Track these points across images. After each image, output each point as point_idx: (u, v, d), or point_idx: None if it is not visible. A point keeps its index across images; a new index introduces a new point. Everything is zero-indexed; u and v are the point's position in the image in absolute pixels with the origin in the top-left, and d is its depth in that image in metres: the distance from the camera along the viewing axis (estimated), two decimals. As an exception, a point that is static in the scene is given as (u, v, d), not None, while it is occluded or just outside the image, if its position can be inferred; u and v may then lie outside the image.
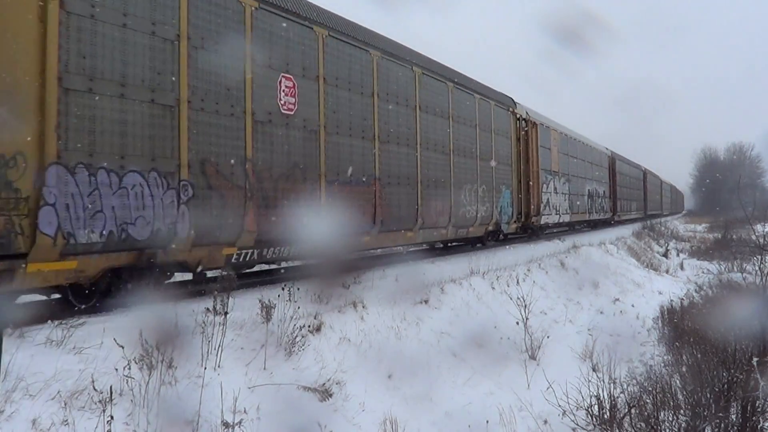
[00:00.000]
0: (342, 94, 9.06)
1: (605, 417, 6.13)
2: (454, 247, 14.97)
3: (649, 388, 6.32)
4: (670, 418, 5.73)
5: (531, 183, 17.33)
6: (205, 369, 4.87)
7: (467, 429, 5.96)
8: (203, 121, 6.72)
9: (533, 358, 8.38)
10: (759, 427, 5.48)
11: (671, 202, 66.23)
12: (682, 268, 21.70)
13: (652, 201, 46.67)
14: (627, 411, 6.04)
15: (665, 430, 5.66)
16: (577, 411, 6.26)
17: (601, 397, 6.24)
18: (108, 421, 3.85)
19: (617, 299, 13.35)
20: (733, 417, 5.53)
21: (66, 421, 3.90)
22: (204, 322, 5.24)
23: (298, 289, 6.77)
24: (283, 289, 6.51)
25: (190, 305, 5.81)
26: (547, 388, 6.54)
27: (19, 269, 5.05)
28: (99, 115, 5.66)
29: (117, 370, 4.34)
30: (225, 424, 4.47)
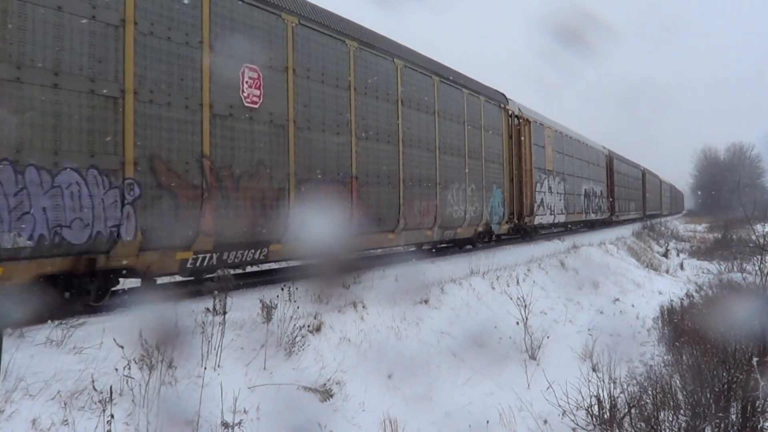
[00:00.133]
0: (314, 87, 8.44)
1: (605, 417, 6.13)
2: (454, 248, 14.83)
3: (649, 388, 6.32)
4: (670, 418, 5.73)
5: (524, 182, 16.76)
6: (205, 369, 4.87)
7: (467, 429, 5.96)
8: (152, 114, 6.16)
9: (533, 358, 8.38)
10: (759, 427, 5.48)
11: (671, 202, 66.09)
12: (682, 268, 21.71)
13: (651, 201, 46.23)
14: (627, 411, 6.03)
15: (665, 430, 5.66)
16: (577, 411, 6.26)
17: (601, 397, 6.24)
18: (108, 421, 3.85)
19: (617, 299, 13.35)
20: (733, 417, 5.53)
21: (66, 421, 3.90)
22: (204, 322, 5.24)
23: (298, 288, 6.78)
24: (282, 289, 6.52)
25: (190, 305, 5.82)
26: (547, 388, 6.54)
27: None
28: (28, 107, 5.17)
29: (117, 370, 4.34)
30: (225, 424, 4.46)
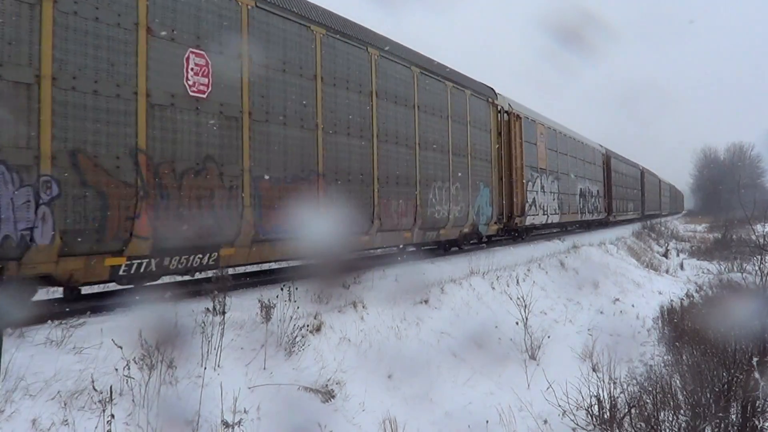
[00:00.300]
0: (274, 76, 7.81)
1: (605, 417, 6.13)
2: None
3: (649, 388, 6.32)
4: (670, 418, 5.73)
5: (514, 181, 15.99)
6: (205, 369, 4.88)
7: (467, 429, 5.96)
8: (75, 103, 5.53)
9: (533, 358, 8.38)
10: (759, 427, 5.47)
11: (670, 202, 65.93)
12: (682, 268, 21.71)
13: (650, 201, 45.73)
14: (627, 411, 6.03)
15: (665, 430, 5.66)
16: (577, 411, 6.26)
17: (601, 397, 6.24)
18: (108, 421, 3.85)
19: (617, 299, 13.35)
20: (733, 417, 5.53)
21: (66, 421, 3.90)
22: (204, 322, 5.24)
23: (297, 288, 6.78)
24: (282, 289, 6.53)
25: (190, 305, 5.81)
26: (547, 388, 6.55)
27: None
28: None
29: (117, 370, 4.34)
30: (225, 423, 4.47)
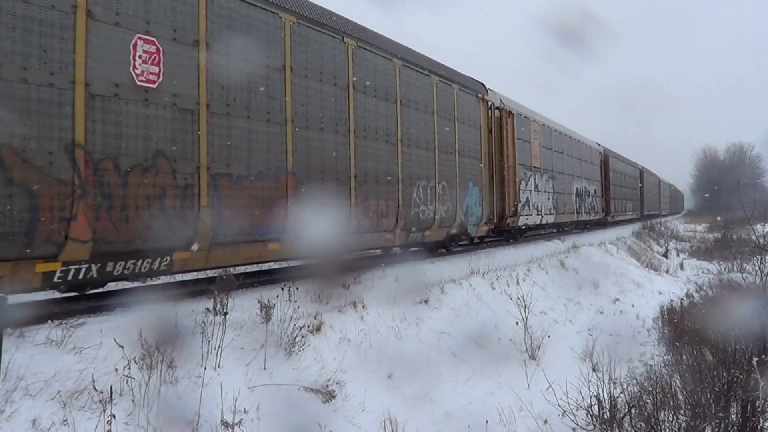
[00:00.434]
0: (237, 66, 7.21)
1: (605, 417, 6.13)
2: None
3: (649, 388, 6.32)
4: (670, 418, 5.73)
5: (506, 180, 15.36)
6: (205, 369, 4.88)
7: (467, 429, 5.96)
8: (0, 93, 5.07)
9: (533, 358, 8.39)
10: (759, 427, 5.47)
11: (670, 202, 65.82)
12: (682, 268, 21.72)
13: (649, 201, 45.31)
14: (627, 411, 6.03)
15: (665, 430, 5.66)
16: (577, 411, 6.26)
17: (601, 397, 6.24)
18: (108, 421, 3.85)
19: (617, 299, 13.36)
20: (733, 417, 5.53)
21: (66, 421, 3.90)
22: (204, 322, 5.24)
23: (298, 288, 6.78)
24: (282, 289, 6.52)
25: (190, 305, 5.82)
26: (547, 388, 6.55)
27: None
28: None
29: (117, 370, 4.34)
30: (225, 423, 4.47)
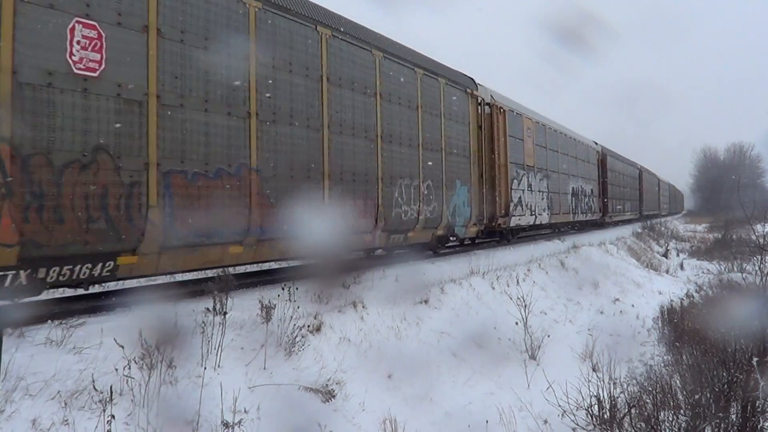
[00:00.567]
0: (193, 54, 6.63)
1: (605, 417, 6.13)
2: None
3: (649, 388, 6.32)
4: (670, 418, 5.73)
5: (497, 179, 14.71)
6: (205, 369, 4.88)
7: (467, 429, 5.96)
8: None
9: (533, 358, 8.39)
10: (759, 427, 5.48)
11: (670, 202, 65.67)
12: (682, 268, 21.72)
13: (648, 201, 44.80)
14: (627, 411, 6.03)
15: (665, 430, 5.66)
16: (577, 411, 6.26)
17: (601, 397, 6.24)
18: (108, 421, 3.85)
19: (617, 299, 13.36)
20: (733, 417, 5.53)
21: (66, 420, 3.90)
22: (204, 322, 5.24)
23: (298, 288, 6.78)
24: (282, 289, 6.52)
25: (190, 305, 5.82)
26: (547, 388, 6.55)
27: None
28: None
29: (117, 369, 4.34)
30: (225, 423, 4.47)
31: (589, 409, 6.27)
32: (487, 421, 5.94)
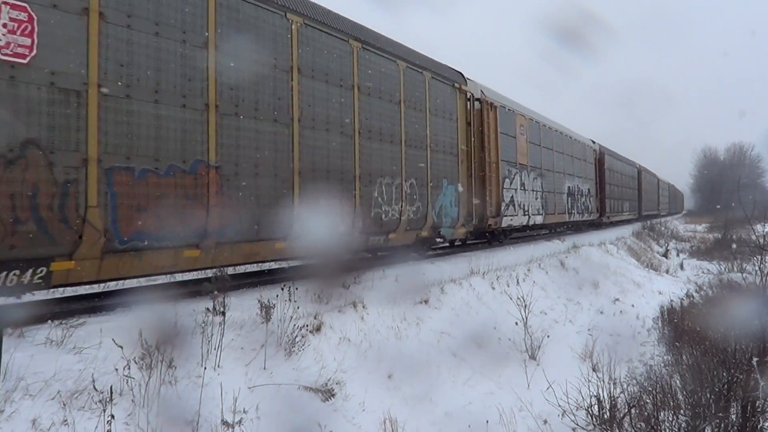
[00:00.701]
0: (139, 40, 6.06)
1: (605, 417, 6.13)
2: (453, 247, 14.42)
3: (649, 388, 6.33)
4: (670, 418, 5.73)
5: (488, 177, 14.12)
6: (205, 369, 4.88)
7: (467, 429, 5.96)
8: None
9: (533, 358, 8.39)
10: (759, 427, 5.48)
11: (669, 201, 65.52)
12: (682, 268, 21.73)
13: (647, 201, 44.26)
14: (627, 411, 6.04)
15: (665, 430, 5.66)
16: (577, 411, 6.26)
17: (601, 397, 6.24)
18: (108, 421, 3.85)
19: (617, 299, 13.36)
20: (733, 417, 5.53)
21: (66, 421, 3.90)
22: (204, 322, 5.25)
23: (298, 288, 6.78)
24: (282, 289, 6.52)
25: (190, 305, 5.82)
26: (547, 388, 6.55)
27: None
28: None
29: (117, 369, 4.34)
30: (225, 423, 4.47)
31: (589, 409, 6.27)
32: (487, 421, 5.95)
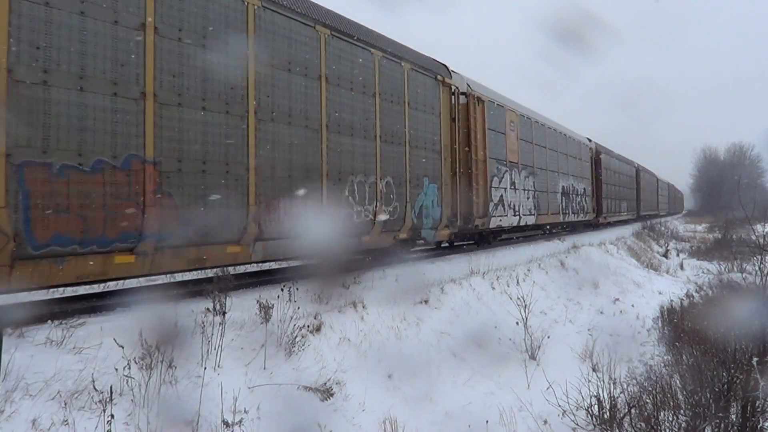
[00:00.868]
0: (63, 20, 5.42)
1: (605, 417, 6.13)
2: (454, 247, 14.40)
3: (649, 388, 6.33)
4: (670, 418, 5.73)
5: (474, 176, 13.26)
6: (205, 369, 4.88)
7: (467, 429, 5.96)
8: None
9: (533, 358, 8.39)
10: (759, 427, 5.48)
11: (669, 201, 65.20)
12: (682, 268, 21.73)
13: (646, 201, 43.58)
14: (627, 411, 6.04)
15: (665, 430, 5.66)
16: (577, 411, 6.26)
17: (601, 397, 6.24)
18: (108, 421, 3.85)
19: (617, 299, 13.36)
20: (733, 417, 5.53)
21: (66, 421, 3.90)
22: (204, 322, 5.25)
23: (298, 288, 6.78)
24: (282, 289, 6.53)
25: (190, 305, 5.82)
26: (547, 388, 6.55)
27: None
28: None
29: (117, 369, 4.34)
30: (225, 423, 4.47)
31: (589, 409, 6.27)
32: (487, 421, 5.95)
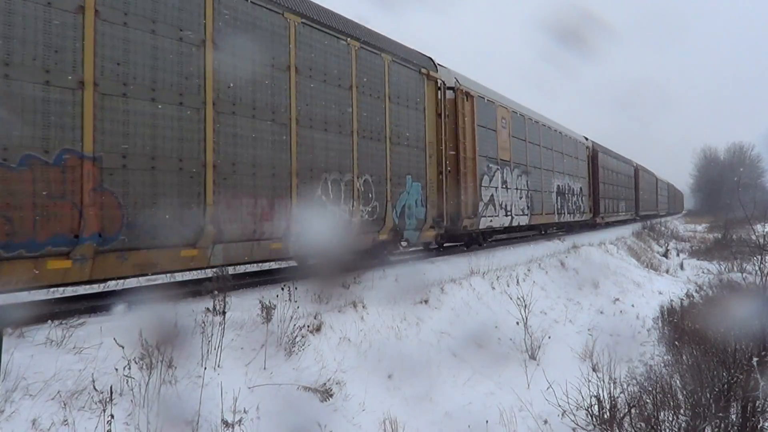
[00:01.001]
0: None
1: (605, 417, 6.13)
2: (454, 248, 14.31)
3: (649, 388, 6.33)
4: (670, 418, 5.73)
5: (462, 174, 12.63)
6: (205, 369, 4.88)
7: (467, 429, 5.96)
8: None
9: (533, 358, 8.39)
10: (759, 427, 5.48)
11: (668, 201, 64.98)
12: (682, 268, 21.73)
13: (645, 200, 43.06)
14: (627, 411, 6.04)
15: (665, 430, 5.66)
16: (577, 411, 6.26)
17: (601, 397, 6.24)
18: (108, 421, 3.85)
19: (617, 299, 13.36)
20: (733, 417, 5.54)
21: (66, 421, 3.90)
22: (204, 322, 5.25)
23: (298, 288, 6.79)
24: (282, 289, 6.53)
25: (190, 305, 5.82)
26: (547, 388, 6.55)
27: None
28: None
29: (117, 369, 4.34)
30: (225, 423, 4.47)
31: (589, 409, 6.27)
32: (487, 421, 5.95)
